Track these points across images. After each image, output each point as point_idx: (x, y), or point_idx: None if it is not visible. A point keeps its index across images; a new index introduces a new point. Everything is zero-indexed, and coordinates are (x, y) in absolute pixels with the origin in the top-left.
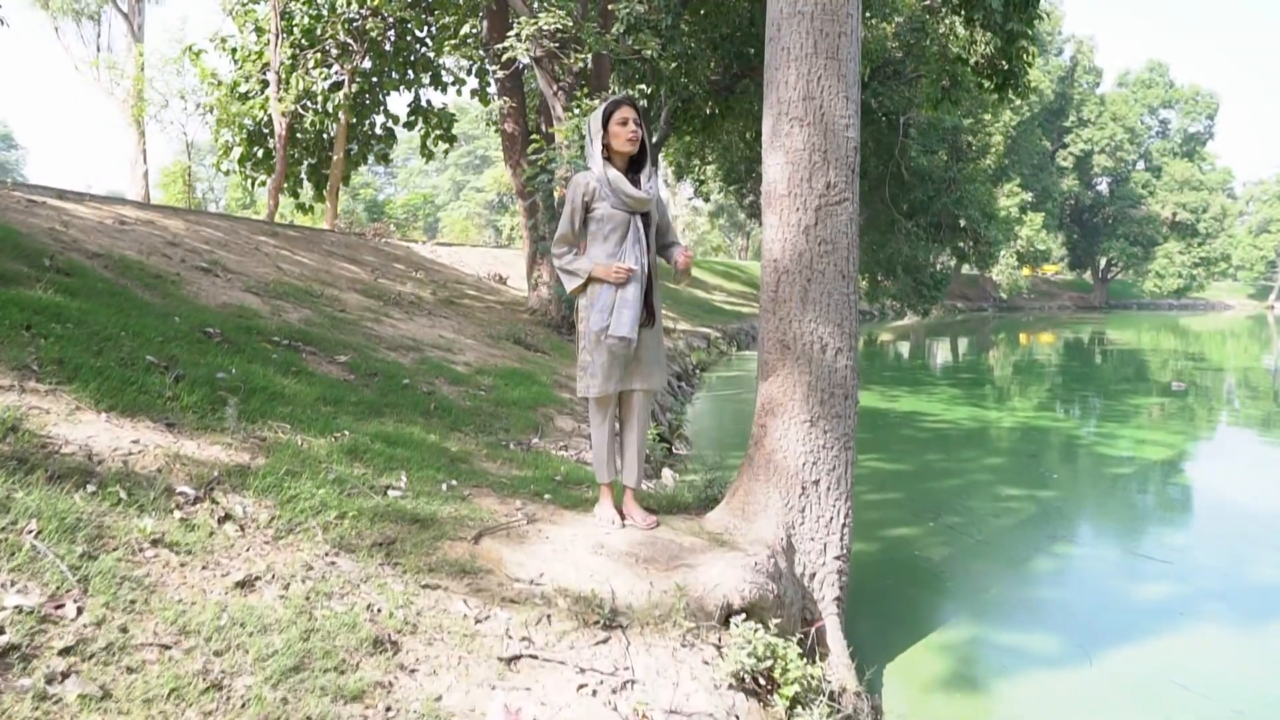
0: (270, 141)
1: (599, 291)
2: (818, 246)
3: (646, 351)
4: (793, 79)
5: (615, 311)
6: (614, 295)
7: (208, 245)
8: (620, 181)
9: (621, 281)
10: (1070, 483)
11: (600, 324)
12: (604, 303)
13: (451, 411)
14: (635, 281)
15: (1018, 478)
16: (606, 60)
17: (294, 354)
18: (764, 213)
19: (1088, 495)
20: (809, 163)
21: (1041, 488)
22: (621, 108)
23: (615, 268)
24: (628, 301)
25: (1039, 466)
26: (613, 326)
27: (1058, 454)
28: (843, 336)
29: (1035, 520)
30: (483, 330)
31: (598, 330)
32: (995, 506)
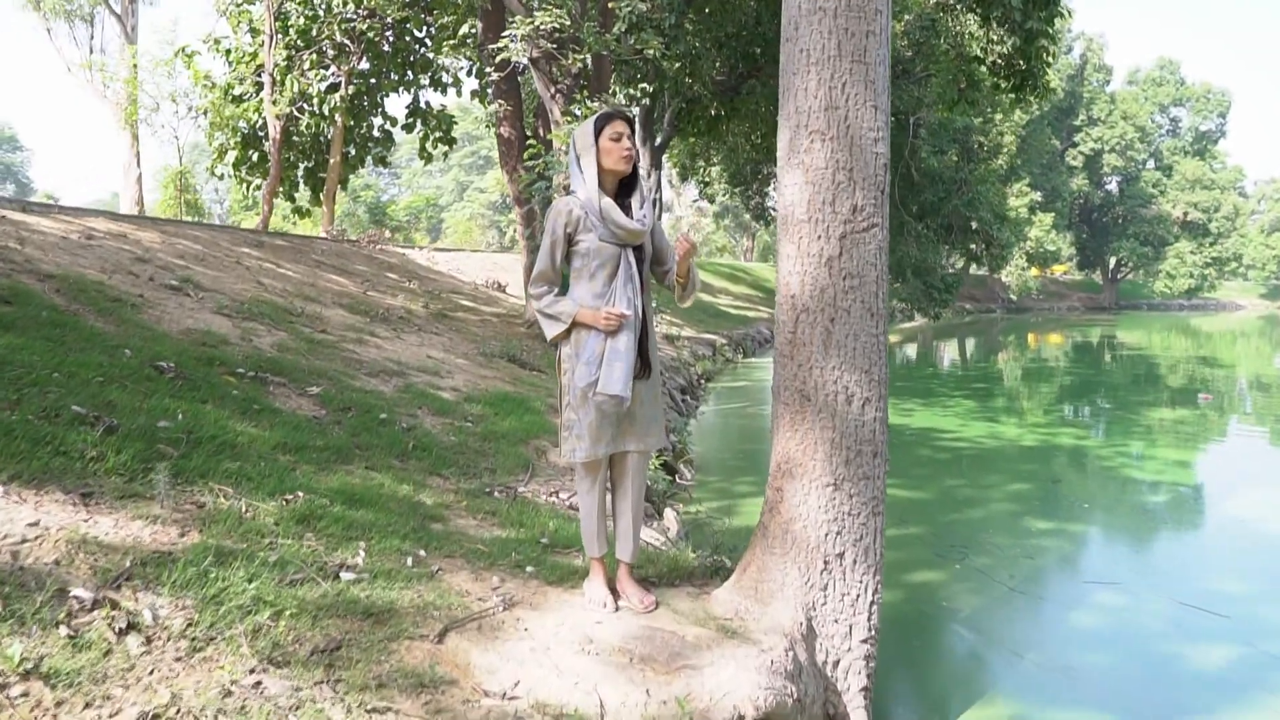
0: (265, 145)
1: (585, 339)
2: (842, 281)
3: (642, 407)
4: (813, 86)
5: (605, 364)
6: (603, 345)
7: (182, 260)
8: (611, 210)
9: (612, 329)
10: (1103, 514)
11: (587, 378)
12: (591, 353)
13: (432, 451)
14: (627, 329)
15: (1045, 508)
16: (607, 61)
17: (259, 388)
18: (780, 240)
19: (1123, 530)
20: (832, 183)
21: (1072, 520)
22: (614, 122)
23: (604, 313)
24: (619, 352)
25: (1067, 494)
26: (602, 382)
27: (1085, 479)
28: (871, 385)
29: (1069, 561)
30: (475, 347)
31: (584, 386)
32: (1024, 544)
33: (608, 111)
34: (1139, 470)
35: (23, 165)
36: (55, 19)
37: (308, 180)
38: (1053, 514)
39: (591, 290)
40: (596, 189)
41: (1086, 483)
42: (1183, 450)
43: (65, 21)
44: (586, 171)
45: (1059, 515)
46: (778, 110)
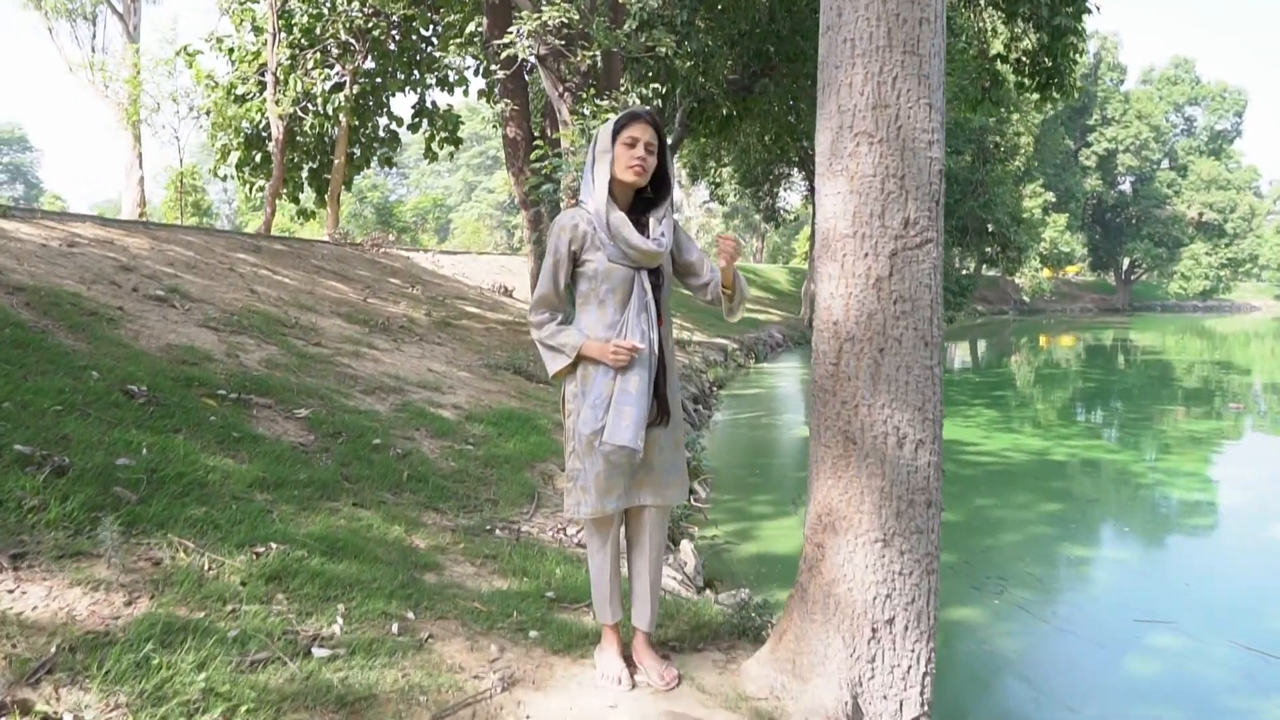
0: (269, 145)
1: (593, 377)
2: (893, 305)
3: (660, 455)
4: (858, 81)
5: (613, 408)
6: (612, 384)
7: (171, 268)
8: (622, 226)
9: (622, 365)
10: (1145, 539)
11: (593, 424)
12: (599, 394)
13: (429, 481)
14: (641, 366)
15: (1083, 532)
16: (618, 58)
17: (241, 411)
18: (819, 258)
19: (1170, 558)
20: (881, 193)
21: (1113, 546)
22: (635, 124)
23: (613, 346)
24: (629, 395)
25: (1104, 516)
26: (609, 430)
27: (1121, 498)
28: (924, 424)
29: (1115, 595)
30: (479, 358)
31: (589, 433)
32: (1066, 574)
33: (632, 111)
34: (1179, 488)
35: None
36: (56, 18)
37: (312, 181)
38: (1092, 539)
39: (600, 319)
40: (605, 201)
41: (1124, 503)
42: (1222, 466)
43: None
44: (598, 180)
45: (1099, 541)
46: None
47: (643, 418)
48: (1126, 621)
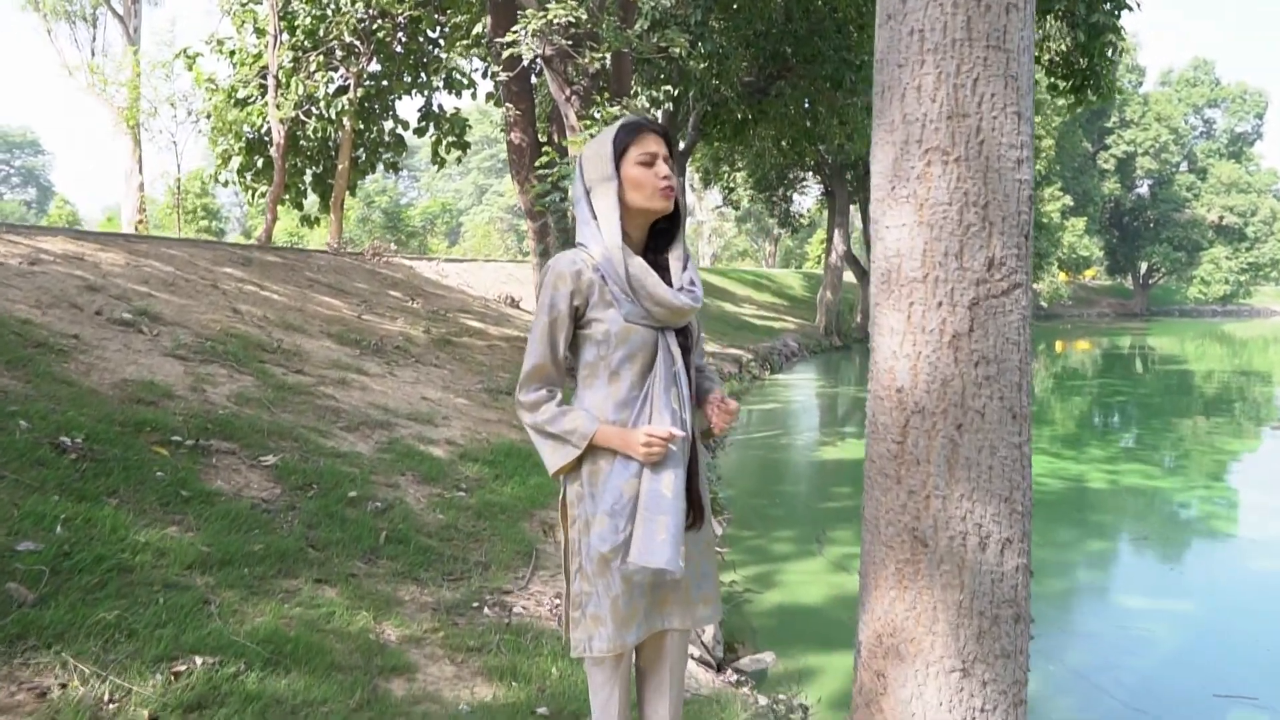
0: (271, 150)
1: (607, 475)
2: (974, 369)
3: (689, 565)
4: (929, 83)
5: (643, 519)
6: (635, 484)
7: (146, 286)
8: (644, 276)
9: (656, 459)
10: (1206, 586)
11: (613, 539)
12: (618, 498)
13: (410, 542)
14: (675, 460)
15: (1136, 577)
16: (628, 60)
17: (197, 462)
18: (878, 305)
19: (1240, 613)
20: (959, 225)
21: (1172, 595)
22: (643, 136)
23: (645, 434)
24: (662, 500)
25: (1157, 555)
26: (639, 549)
27: (1175, 535)
28: (1012, 519)
29: (1186, 662)
30: (479, 381)
31: (608, 550)
32: (1129, 636)
33: (633, 121)
34: (1234, 523)
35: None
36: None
37: (315, 187)
38: (1147, 585)
39: (612, 396)
40: (619, 242)
41: (1178, 541)
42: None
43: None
44: (603, 215)
45: (1155, 588)
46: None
47: (681, 528)
48: (1205, 696)
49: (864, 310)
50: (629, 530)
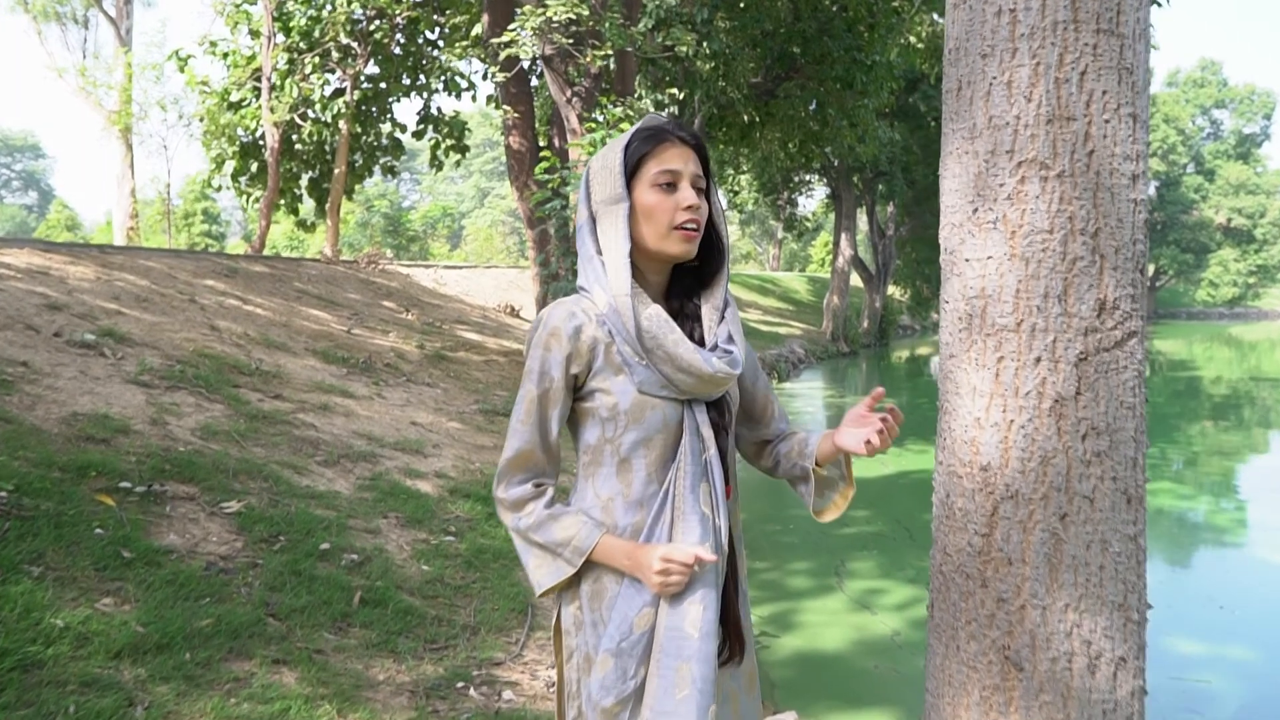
0: (266, 154)
1: (613, 598)
2: (1081, 442)
3: (725, 707)
4: (1024, 77)
5: (660, 663)
6: (650, 614)
7: (115, 302)
8: (665, 332)
9: (674, 590)
10: (1266, 628)
11: (618, 689)
12: (625, 632)
13: (389, 603)
14: (706, 584)
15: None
16: (632, 59)
17: (147, 511)
18: (950, 357)
19: None
20: (1064, 259)
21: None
22: (667, 147)
23: (661, 557)
24: (689, 642)
25: (1202, 586)
26: (654, 706)
27: (1216, 563)
28: (1127, 632)
29: None
30: (475, 401)
31: (611, 703)
32: (1182, 687)
33: (653, 124)
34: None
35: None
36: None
37: (312, 192)
38: (1201, 627)
39: (623, 493)
40: (627, 287)
41: (1220, 570)
42: None
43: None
44: (609, 250)
45: (1209, 630)
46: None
47: (711, 677)
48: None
49: (871, 315)
50: (641, 676)
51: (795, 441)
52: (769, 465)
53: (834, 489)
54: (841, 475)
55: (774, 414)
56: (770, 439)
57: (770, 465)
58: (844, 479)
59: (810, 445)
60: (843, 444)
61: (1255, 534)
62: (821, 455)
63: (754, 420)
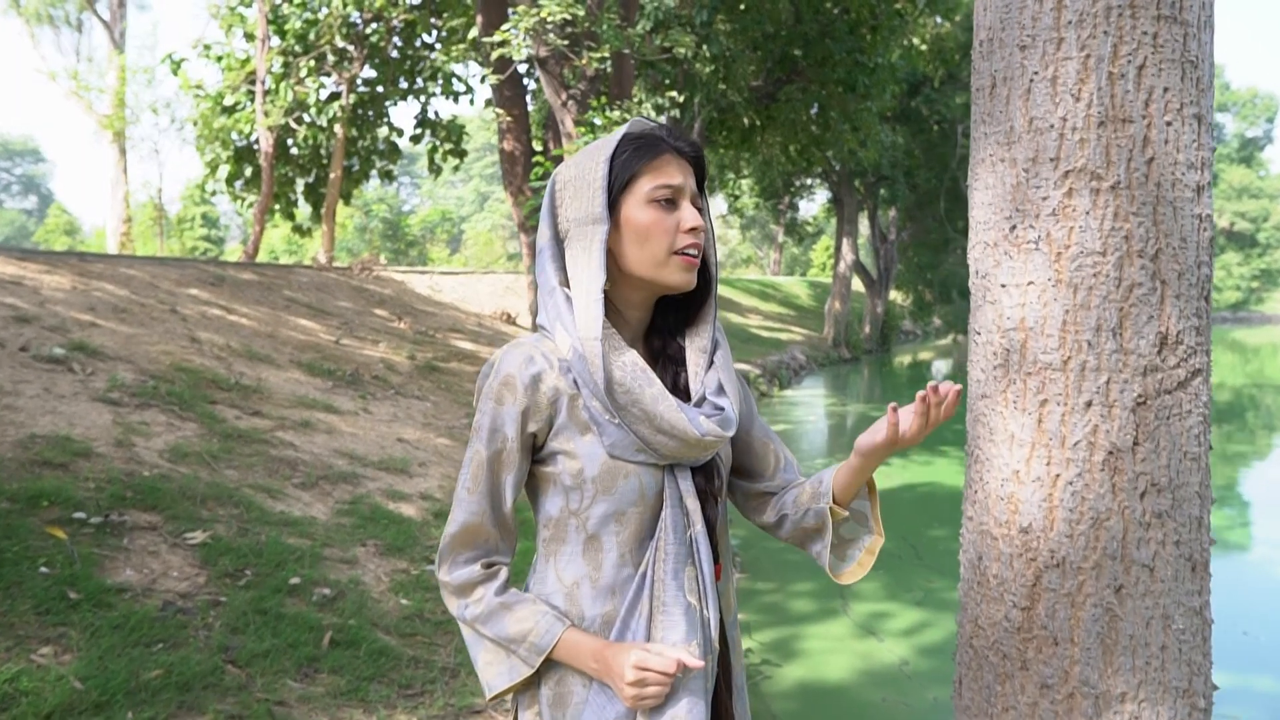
0: (260, 158)
1: (579, 705)
2: (1139, 500)
3: None
4: (1072, 72)
5: None
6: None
7: (89, 314)
8: (640, 385)
9: (650, 704)
10: None
11: None
12: None
13: (362, 644)
14: (692, 692)
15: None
16: (629, 62)
17: (102, 544)
18: (986, 400)
19: None
20: (1119, 286)
21: None
22: (665, 157)
23: (636, 670)
24: None
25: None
26: None
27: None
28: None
29: None
30: (466, 414)
31: None
32: None
33: (647, 130)
34: None
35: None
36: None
37: (307, 197)
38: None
39: (591, 576)
40: (598, 330)
41: (1241, 591)
42: None
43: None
44: (579, 282)
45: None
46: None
47: None
48: None
49: (873, 321)
50: None
51: (806, 486)
52: (772, 521)
53: (856, 542)
54: (866, 525)
55: (778, 463)
56: (774, 491)
57: (774, 521)
58: (869, 529)
59: (825, 483)
60: (864, 441)
61: (1275, 551)
62: (839, 486)
63: (752, 473)
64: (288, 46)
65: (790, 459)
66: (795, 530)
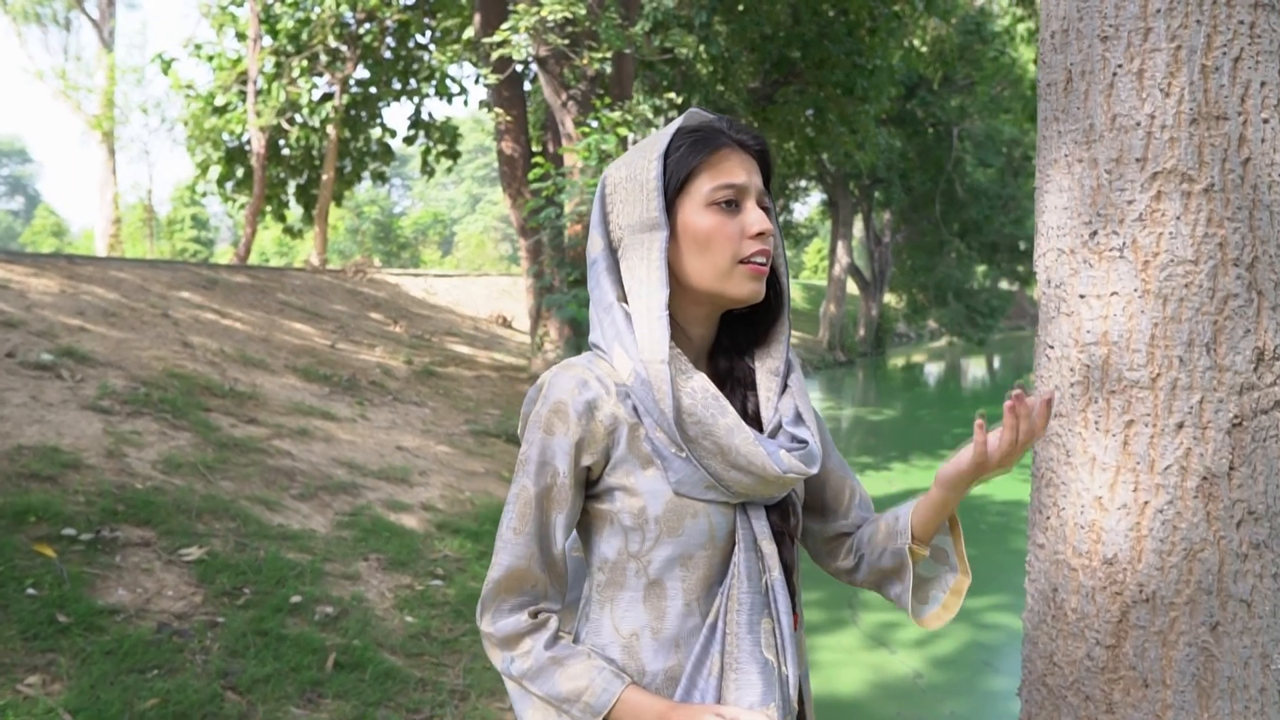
0: (252, 159)
1: None
2: (1236, 531)
3: None
4: (1160, 65)
5: None
6: None
7: (79, 318)
8: (713, 414)
9: None
10: None
11: None
12: None
13: (368, 666)
14: None
15: None
16: (630, 62)
17: (93, 562)
18: (1063, 419)
19: None
20: (1212, 296)
21: None
22: (726, 152)
23: None
24: None
25: None
26: None
27: None
28: None
29: None
30: (465, 420)
31: None
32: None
33: (705, 122)
34: None
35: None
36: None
37: (299, 198)
38: None
39: (653, 627)
40: (665, 352)
41: None
42: None
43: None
44: (638, 297)
45: None
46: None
47: None
48: None
49: (867, 323)
50: None
51: (880, 522)
52: (848, 566)
53: (938, 581)
54: (948, 562)
55: (852, 500)
56: (849, 533)
57: (850, 566)
58: (951, 566)
59: (902, 519)
60: (946, 471)
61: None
62: (918, 523)
63: (825, 511)
64: (280, 46)
65: (865, 495)
66: (871, 573)
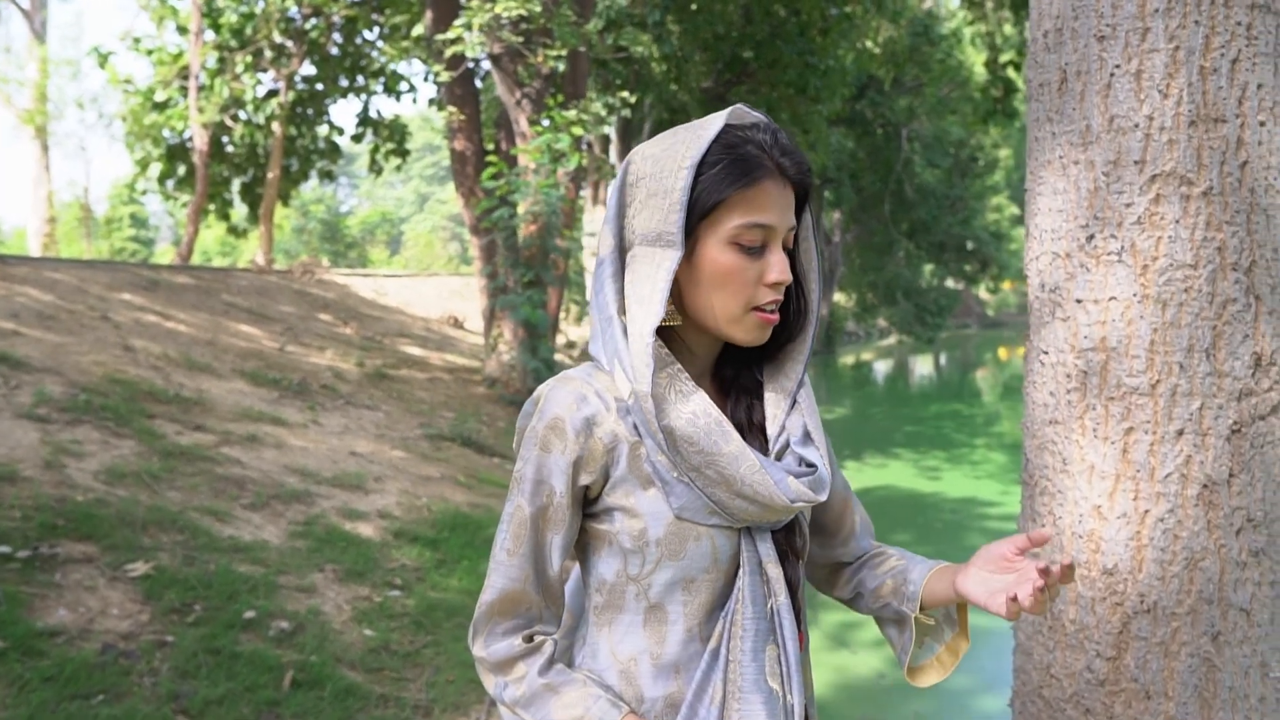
0: (194, 157)
1: None
2: (1235, 538)
3: None
4: (1159, 66)
5: None
6: None
7: (13, 321)
8: (714, 440)
9: None
10: None
11: None
12: None
13: (327, 683)
14: None
15: None
16: (585, 59)
17: (31, 581)
18: (1057, 426)
19: None
20: (1210, 300)
21: None
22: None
23: None
24: None
25: None
26: None
27: None
28: None
29: None
30: (419, 424)
31: None
32: None
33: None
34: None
35: None
36: None
37: (244, 196)
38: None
39: (652, 652)
40: (648, 384)
41: None
42: None
43: None
44: (635, 320)
45: None
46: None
47: None
48: None
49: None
50: None
51: (887, 573)
52: (846, 596)
53: (938, 638)
54: (951, 621)
55: (853, 530)
56: (849, 561)
57: (849, 597)
58: (953, 625)
59: (912, 583)
60: (972, 596)
61: None
62: (929, 599)
63: (826, 536)
64: (223, 41)
65: (866, 520)
66: (868, 611)
